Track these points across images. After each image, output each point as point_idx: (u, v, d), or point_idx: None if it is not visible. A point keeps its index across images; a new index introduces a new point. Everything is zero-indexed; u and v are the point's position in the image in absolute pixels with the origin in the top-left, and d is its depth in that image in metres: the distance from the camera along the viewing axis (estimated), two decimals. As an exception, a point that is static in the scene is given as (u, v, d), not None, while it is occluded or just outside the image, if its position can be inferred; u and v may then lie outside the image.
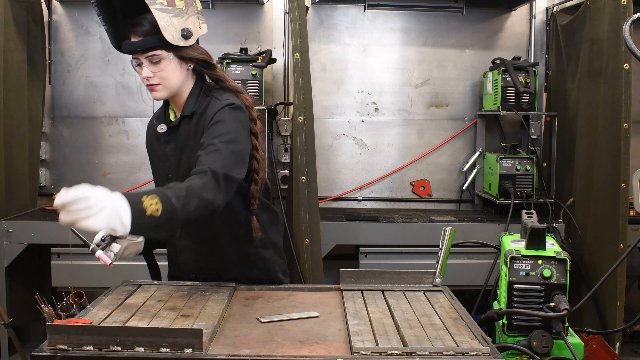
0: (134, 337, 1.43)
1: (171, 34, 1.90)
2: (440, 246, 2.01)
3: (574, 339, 1.80)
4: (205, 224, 2.04)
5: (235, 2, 4.12)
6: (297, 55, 3.25)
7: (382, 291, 1.97)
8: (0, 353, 3.53)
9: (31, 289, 3.68)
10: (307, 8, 3.62)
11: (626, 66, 3.25)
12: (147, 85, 2.00)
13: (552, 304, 1.73)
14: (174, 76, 1.98)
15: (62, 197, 1.48)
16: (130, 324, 1.63)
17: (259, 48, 4.07)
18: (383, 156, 4.29)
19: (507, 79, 3.82)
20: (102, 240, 1.88)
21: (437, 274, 2.01)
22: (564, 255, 1.78)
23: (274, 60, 3.89)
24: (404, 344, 1.52)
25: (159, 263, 2.21)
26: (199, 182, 1.73)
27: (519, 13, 4.27)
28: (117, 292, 1.92)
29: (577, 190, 3.72)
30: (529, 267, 1.79)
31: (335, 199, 4.27)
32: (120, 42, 1.99)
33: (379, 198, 4.30)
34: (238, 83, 3.62)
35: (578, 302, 1.87)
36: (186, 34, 1.93)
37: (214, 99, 2.01)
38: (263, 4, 4.14)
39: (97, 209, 1.50)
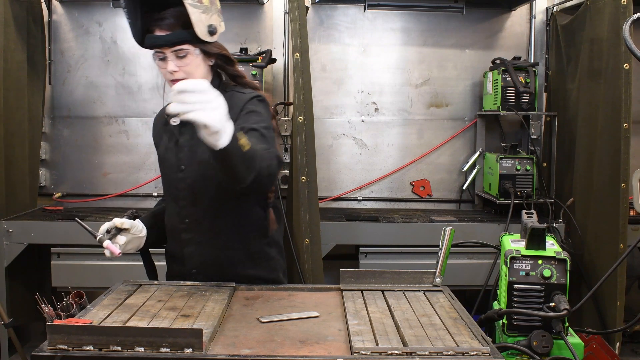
0: (134, 337, 1.43)
1: (200, 29, 1.93)
2: (440, 246, 2.01)
3: (574, 339, 1.80)
4: (215, 218, 2.06)
5: (235, 2, 4.12)
6: (297, 55, 3.25)
7: (382, 291, 1.97)
8: (0, 353, 3.53)
9: (31, 289, 3.68)
10: (307, 8, 3.62)
11: (626, 66, 3.25)
12: (172, 80, 2.01)
13: (552, 304, 1.73)
14: (198, 71, 2.02)
15: (184, 83, 1.54)
16: (130, 324, 1.63)
17: (259, 48, 4.07)
18: (383, 156, 4.29)
19: (507, 79, 3.82)
20: (107, 232, 1.92)
21: (437, 274, 2.01)
22: (564, 255, 1.78)
23: (274, 60, 3.90)
24: (404, 344, 1.52)
25: (155, 264, 2.22)
26: (264, 150, 1.80)
27: (519, 13, 4.27)
28: (117, 292, 1.92)
29: (577, 190, 3.72)
30: (529, 267, 1.79)
31: (335, 199, 4.27)
32: (141, 37, 2.00)
33: (379, 198, 4.30)
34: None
35: (578, 302, 1.87)
36: (212, 30, 1.96)
37: (236, 93, 2.06)
38: (263, 4, 4.14)
39: (213, 105, 1.56)
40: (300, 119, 3.21)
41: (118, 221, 1.98)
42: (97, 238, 1.93)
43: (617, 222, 3.31)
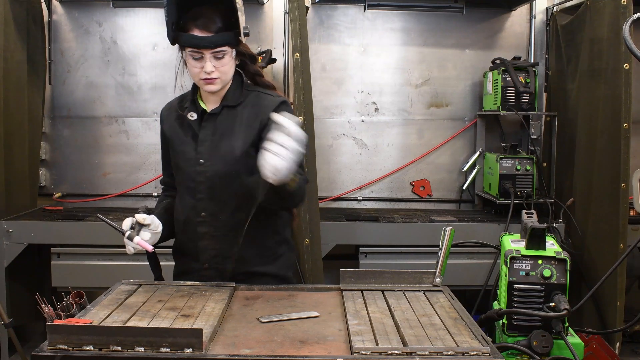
0: (134, 337, 1.44)
1: (241, 32, 2.02)
2: (440, 246, 2.01)
3: (574, 339, 1.80)
4: (231, 213, 2.08)
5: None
6: (297, 55, 3.25)
7: (382, 291, 1.97)
8: (0, 353, 3.53)
9: (31, 289, 3.68)
10: (307, 8, 3.62)
11: (626, 66, 3.25)
12: (205, 79, 2.03)
13: (552, 304, 1.74)
14: (230, 71, 2.08)
15: (296, 130, 1.68)
16: (130, 324, 1.63)
17: (259, 48, 4.07)
18: (383, 156, 4.29)
19: (507, 79, 3.82)
20: (131, 228, 1.95)
21: (437, 274, 2.01)
22: (564, 255, 1.78)
23: (274, 60, 3.89)
24: (404, 343, 1.52)
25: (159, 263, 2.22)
26: (303, 180, 1.97)
27: (519, 13, 4.27)
28: (117, 292, 1.92)
29: (577, 190, 3.72)
30: (529, 267, 1.79)
31: (335, 199, 4.27)
32: (174, 35, 2.05)
33: (379, 198, 4.30)
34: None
35: (578, 302, 1.87)
36: (247, 32, 2.05)
37: (261, 94, 2.13)
38: (263, 4, 4.14)
39: (293, 158, 1.70)
40: (300, 118, 3.21)
41: (140, 217, 1.99)
42: (126, 235, 1.95)
43: (617, 222, 3.31)
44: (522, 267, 1.79)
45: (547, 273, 1.76)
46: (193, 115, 2.12)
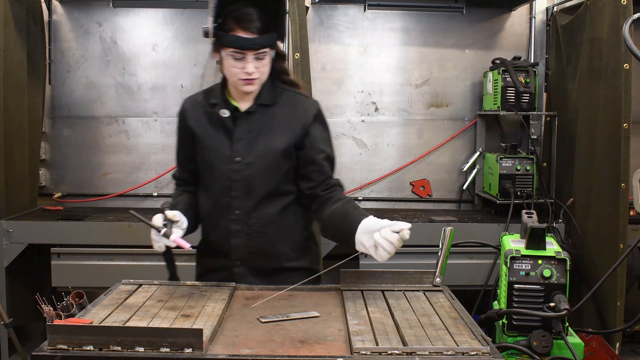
0: (134, 337, 1.44)
1: (283, 33, 2.07)
2: (440, 246, 2.01)
3: (574, 339, 1.80)
4: (265, 210, 2.10)
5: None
6: (297, 55, 3.25)
7: (382, 291, 1.97)
8: (0, 353, 3.53)
9: (31, 289, 3.68)
10: (307, 8, 3.62)
11: (626, 66, 3.25)
12: (245, 80, 2.03)
13: (552, 304, 1.73)
14: (268, 70, 2.08)
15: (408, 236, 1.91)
16: (130, 324, 1.63)
17: (259, 48, 4.06)
18: (383, 156, 4.29)
19: (507, 79, 3.82)
20: (164, 225, 1.93)
21: (437, 274, 2.01)
22: (564, 255, 1.78)
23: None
24: (404, 343, 1.52)
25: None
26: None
27: (519, 13, 4.27)
28: (117, 292, 1.92)
29: (577, 190, 3.72)
30: (529, 267, 1.79)
31: (335, 199, 4.26)
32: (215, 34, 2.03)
33: (379, 198, 4.30)
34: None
35: (578, 302, 1.87)
36: (285, 33, 2.10)
37: (296, 94, 2.16)
38: (263, 4, 4.14)
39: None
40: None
41: (170, 214, 1.97)
42: (162, 232, 1.93)
43: (617, 222, 3.31)
44: (522, 267, 1.79)
45: (547, 273, 1.76)
46: (225, 113, 2.10)
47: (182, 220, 2.01)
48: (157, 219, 1.95)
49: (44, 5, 4.03)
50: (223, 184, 2.11)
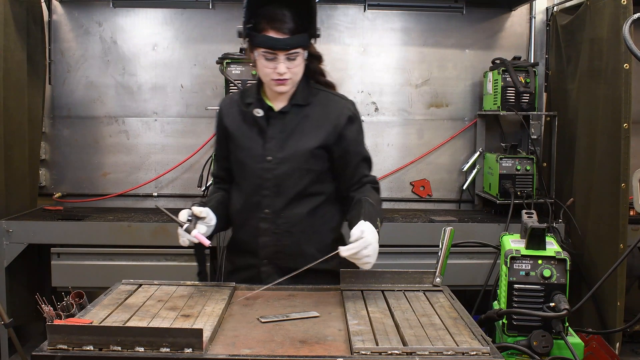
0: (134, 337, 1.44)
1: (315, 33, 2.08)
2: (440, 246, 2.01)
3: (574, 339, 1.80)
4: (295, 209, 2.12)
5: (235, 1, 4.12)
6: (297, 55, 3.24)
7: (382, 291, 1.97)
8: (0, 353, 3.53)
9: (31, 289, 3.68)
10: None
11: (626, 66, 3.25)
12: (277, 80, 2.05)
13: (552, 304, 1.74)
14: (301, 71, 2.10)
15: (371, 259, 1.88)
16: (130, 324, 1.63)
17: (259, 48, 4.06)
18: (383, 156, 4.29)
19: (507, 79, 3.82)
20: (188, 220, 1.96)
21: (437, 274, 2.01)
22: (564, 255, 1.78)
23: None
24: (404, 343, 1.52)
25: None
26: (378, 195, 2.21)
27: (519, 13, 4.27)
28: (117, 292, 1.92)
29: (577, 190, 3.72)
30: (529, 267, 1.79)
31: (336, 199, 4.26)
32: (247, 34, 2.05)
33: (379, 198, 4.30)
34: (238, 83, 3.66)
35: (578, 302, 1.87)
36: (319, 33, 2.10)
37: (330, 94, 2.20)
38: (263, 4, 4.14)
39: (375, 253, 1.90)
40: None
41: (197, 210, 2.00)
42: (184, 227, 1.96)
43: (617, 222, 3.31)
44: (522, 267, 1.79)
45: (547, 273, 1.76)
46: (259, 112, 2.13)
47: (210, 217, 2.04)
48: (183, 215, 1.98)
49: (44, 5, 4.03)
50: (254, 182, 2.13)
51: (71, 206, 4.18)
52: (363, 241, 1.88)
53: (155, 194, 4.21)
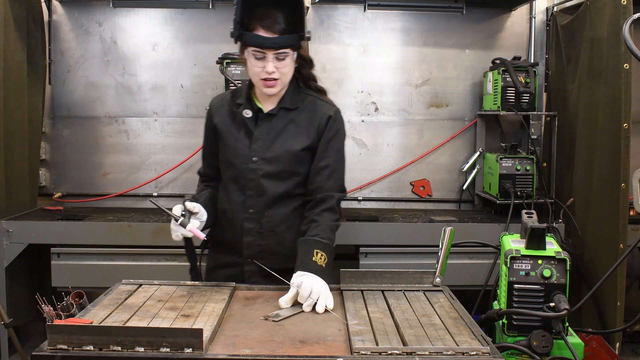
0: (134, 337, 1.44)
1: (305, 35, 2.08)
2: (440, 246, 2.01)
3: (574, 339, 1.80)
4: (278, 210, 2.16)
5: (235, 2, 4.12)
6: (297, 55, 3.24)
7: (382, 291, 1.97)
8: (0, 353, 3.53)
9: (31, 289, 3.68)
10: (307, 8, 3.62)
11: (626, 66, 3.25)
12: (265, 80, 2.08)
13: (552, 304, 1.74)
14: (290, 73, 2.13)
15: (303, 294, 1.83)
16: (130, 324, 1.63)
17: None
18: (383, 156, 4.29)
19: (507, 79, 3.82)
20: (182, 215, 1.98)
21: (437, 274, 2.01)
22: (564, 255, 1.78)
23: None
24: (404, 343, 1.52)
25: (188, 263, 2.24)
26: (332, 218, 2.12)
27: (519, 13, 4.27)
28: (117, 292, 1.92)
29: (577, 190, 3.72)
30: (529, 267, 1.79)
31: (335, 199, 4.26)
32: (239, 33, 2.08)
33: (379, 198, 4.30)
34: (238, 83, 3.66)
35: (578, 302, 1.87)
36: (309, 36, 2.10)
37: (318, 99, 2.21)
38: (263, 4, 4.14)
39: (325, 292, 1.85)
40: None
41: (190, 205, 2.03)
42: (179, 221, 1.98)
43: (617, 222, 3.31)
44: (522, 267, 1.79)
45: (547, 273, 1.76)
46: (248, 113, 2.17)
47: (202, 213, 2.07)
48: (177, 209, 2.01)
49: (44, 5, 4.03)
50: (240, 182, 2.17)
51: (71, 206, 4.18)
52: (299, 291, 1.85)
53: (155, 194, 4.21)
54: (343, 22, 4.23)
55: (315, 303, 1.81)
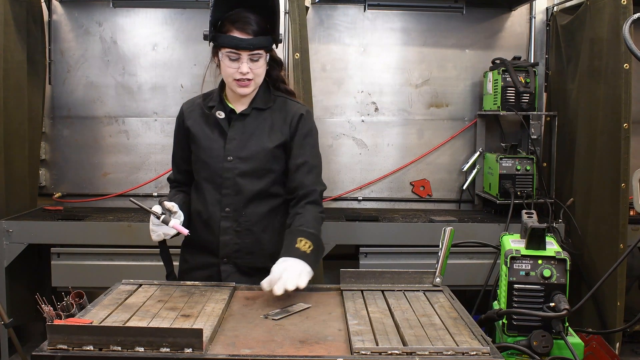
0: (134, 337, 1.44)
1: (278, 37, 2.14)
2: (440, 246, 2.01)
3: (574, 339, 1.80)
4: (255, 209, 2.19)
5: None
6: (297, 55, 3.25)
7: (382, 291, 1.97)
8: (0, 353, 3.53)
9: (31, 289, 3.68)
10: (307, 8, 3.62)
11: (626, 66, 3.25)
12: (239, 80, 2.12)
13: (552, 304, 1.73)
14: (263, 74, 2.18)
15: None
16: (130, 324, 1.63)
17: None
18: (383, 156, 4.29)
19: (507, 79, 3.82)
20: (162, 213, 2.01)
21: (437, 274, 2.01)
22: (564, 255, 1.78)
23: (274, 60, 3.89)
24: (404, 343, 1.52)
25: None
26: (316, 210, 2.15)
27: (519, 13, 4.27)
28: (117, 292, 1.92)
29: (577, 190, 3.72)
30: (529, 267, 1.79)
31: (335, 199, 4.27)
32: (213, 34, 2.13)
33: (379, 198, 4.30)
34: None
35: (578, 302, 1.87)
36: (281, 39, 2.17)
37: (288, 100, 2.26)
38: (263, 4, 4.14)
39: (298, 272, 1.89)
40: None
41: (169, 204, 2.06)
42: (162, 218, 2.01)
43: (617, 222, 3.31)
44: (522, 267, 1.79)
45: (547, 273, 1.76)
46: (221, 114, 2.21)
47: (180, 213, 2.10)
48: (156, 209, 2.04)
49: (44, 5, 4.03)
50: (215, 181, 2.20)
51: (71, 206, 4.18)
52: (275, 275, 1.90)
53: (155, 194, 4.21)
54: (343, 22, 4.23)
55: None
